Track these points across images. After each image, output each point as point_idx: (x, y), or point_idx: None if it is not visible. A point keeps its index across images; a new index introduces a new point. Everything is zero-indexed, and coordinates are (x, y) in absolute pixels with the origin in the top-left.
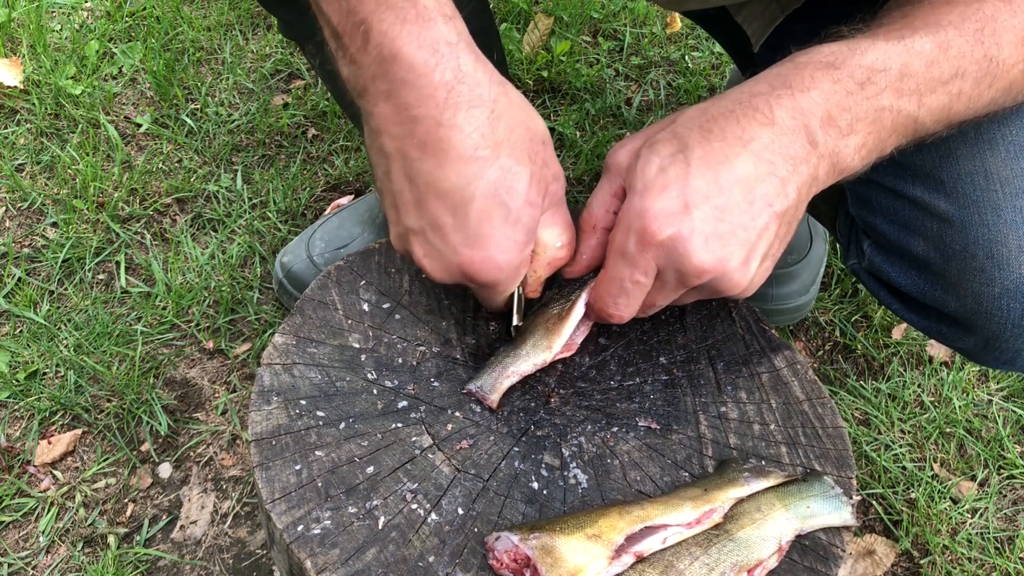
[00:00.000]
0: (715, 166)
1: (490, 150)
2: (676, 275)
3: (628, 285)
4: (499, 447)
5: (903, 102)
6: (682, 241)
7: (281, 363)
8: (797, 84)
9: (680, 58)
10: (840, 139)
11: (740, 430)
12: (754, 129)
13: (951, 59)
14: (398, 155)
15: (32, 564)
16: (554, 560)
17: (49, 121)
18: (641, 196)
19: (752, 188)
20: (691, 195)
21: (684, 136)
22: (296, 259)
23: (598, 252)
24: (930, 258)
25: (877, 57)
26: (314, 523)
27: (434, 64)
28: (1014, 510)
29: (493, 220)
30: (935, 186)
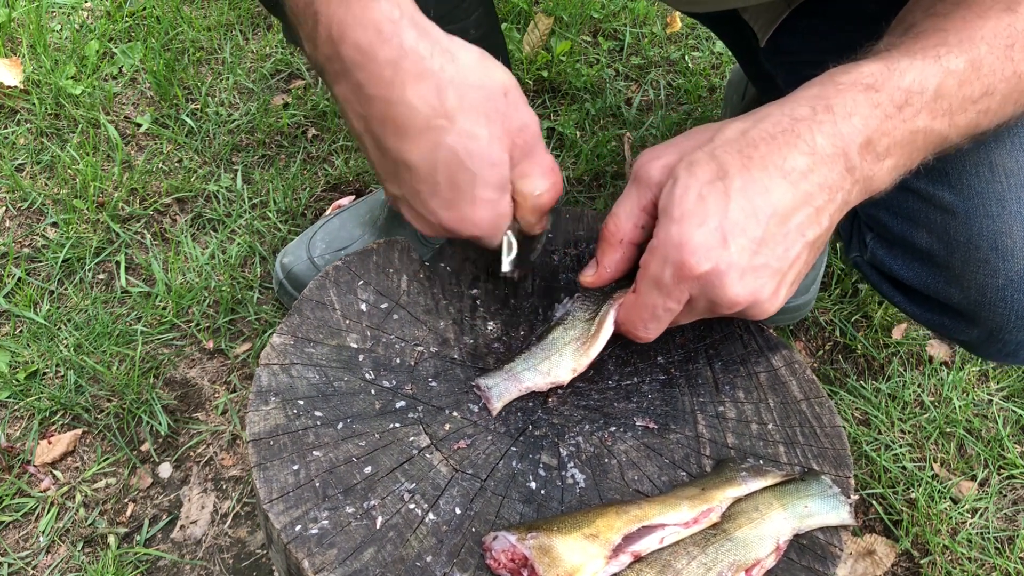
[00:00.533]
0: (753, 197)
1: (444, 119)
2: (708, 304)
3: (660, 312)
4: (497, 447)
5: (936, 123)
6: (719, 275)
7: (279, 363)
8: (839, 108)
9: (680, 58)
10: (875, 163)
11: (738, 429)
12: (795, 158)
13: (982, 77)
14: (366, 134)
15: (32, 564)
16: (551, 560)
17: (49, 121)
18: (679, 225)
19: (788, 219)
20: (729, 228)
21: (724, 161)
22: (297, 260)
23: (623, 266)
24: (934, 250)
25: (915, 78)
26: (312, 523)
27: (379, 43)
28: (1014, 510)
29: (460, 184)
30: (939, 178)
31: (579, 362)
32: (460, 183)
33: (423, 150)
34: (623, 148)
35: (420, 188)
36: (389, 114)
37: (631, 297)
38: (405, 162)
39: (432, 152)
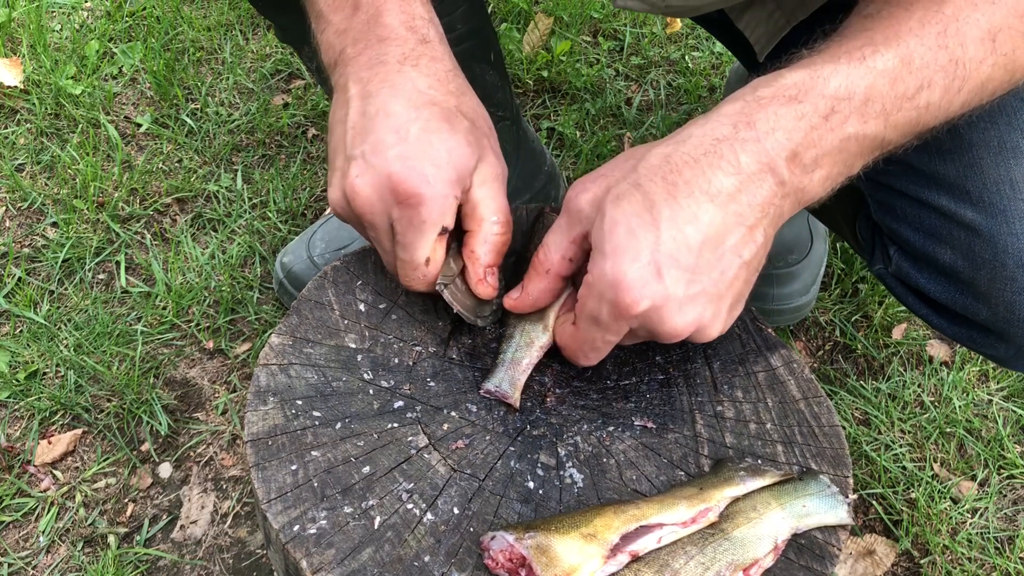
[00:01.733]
0: (683, 226)
1: (441, 94)
2: (649, 334)
3: (600, 344)
4: (495, 447)
5: (868, 126)
6: (657, 310)
7: (277, 363)
8: (761, 125)
9: (680, 58)
10: (805, 175)
11: (736, 429)
12: (720, 180)
13: (915, 72)
14: (359, 96)
15: (32, 564)
16: (549, 559)
17: (49, 121)
18: (612, 262)
19: (721, 243)
20: (662, 260)
21: (648, 190)
22: (297, 259)
23: (546, 296)
24: (958, 267)
25: (840, 84)
26: (310, 523)
27: (407, 28)
28: (1014, 510)
29: (431, 140)
30: (961, 196)
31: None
32: (431, 139)
33: (411, 104)
34: (623, 148)
35: (386, 138)
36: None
37: (571, 328)
38: (388, 110)
39: (420, 107)
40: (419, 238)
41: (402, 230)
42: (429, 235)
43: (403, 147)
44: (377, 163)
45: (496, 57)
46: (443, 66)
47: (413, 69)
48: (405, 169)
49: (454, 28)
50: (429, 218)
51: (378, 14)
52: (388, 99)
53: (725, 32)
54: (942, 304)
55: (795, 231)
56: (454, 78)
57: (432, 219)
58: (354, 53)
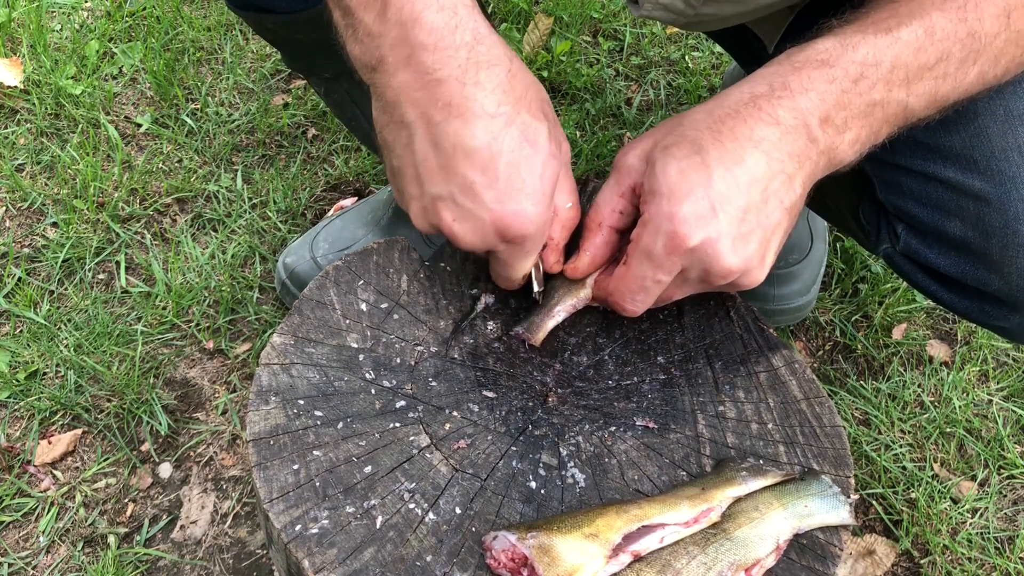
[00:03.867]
0: (732, 167)
1: (511, 106)
2: (701, 275)
3: (649, 284)
4: (497, 446)
5: (894, 93)
6: (712, 244)
7: (279, 363)
8: (796, 85)
9: (680, 58)
10: (836, 136)
11: (738, 429)
12: (762, 128)
13: (936, 43)
14: (421, 121)
15: (32, 564)
16: (551, 559)
17: (49, 121)
18: (668, 199)
19: (766, 186)
20: (716, 197)
21: (696, 138)
22: (299, 260)
23: (603, 250)
24: (968, 238)
25: (868, 52)
26: (312, 523)
27: (454, 26)
28: (1014, 510)
29: (522, 174)
30: (968, 166)
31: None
32: (522, 172)
33: (489, 133)
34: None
35: (475, 179)
36: (459, 95)
37: (621, 269)
38: (466, 147)
39: (497, 137)
40: (523, 262)
41: (506, 258)
42: (532, 258)
43: (496, 190)
44: (474, 208)
45: None
46: (502, 69)
47: (475, 88)
48: (508, 214)
49: None
50: (534, 248)
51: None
52: (462, 132)
53: (722, 33)
54: (952, 278)
55: (795, 231)
56: (514, 77)
57: (537, 248)
58: (396, 62)
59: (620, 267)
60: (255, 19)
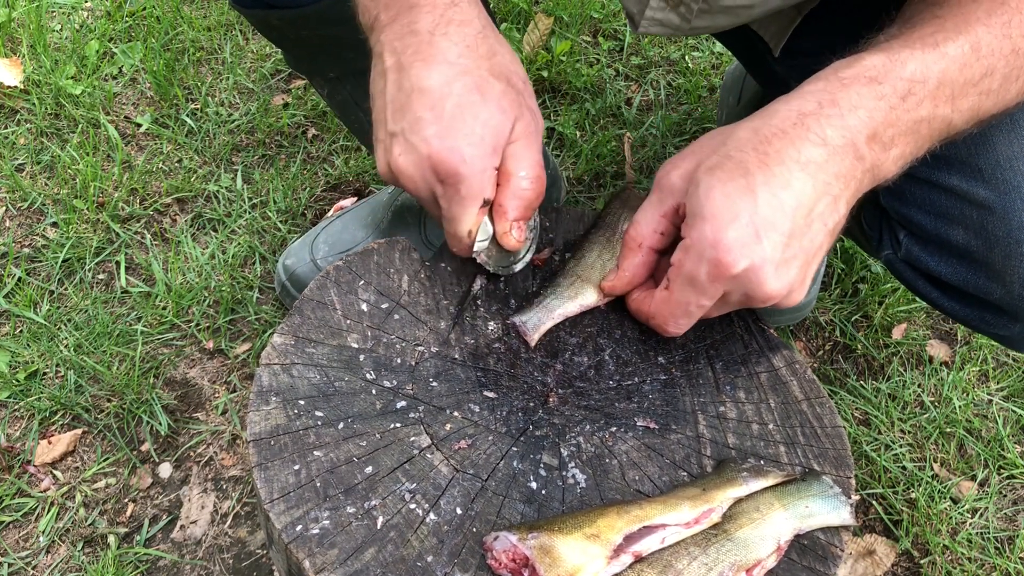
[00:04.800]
0: (778, 191)
1: (471, 60)
2: (743, 299)
3: (693, 308)
4: (497, 447)
5: (939, 109)
6: (756, 272)
7: (280, 363)
8: (844, 102)
9: (680, 58)
10: (883, 152)
11: (739, 430)
12: (809, 150)
13: (982, 59)
14: (395, 67)
15: (32, 564)
16: (552, 560)
17: (49, 121)
18: (712, 225)
19: (812, 210)
20: (760, 223)
21: (742, 160)
22: (299, 262)
23: (641, 271)
24: (971, 246)
25: (916, 68)
26: (313, 523)
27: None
28: (1014, 510)
29: (465, 116)
30: (973, 174)
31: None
32: (465, 115)
33: (444, 77)
34: (623, 148)
35: (423, 115)
36: (426, 43)
37: (663, 293)
38: (421, 87)
39: (451, 81)
40: (462, 213)
41: (446, 205)
42: (471, 209)
43: (439, 126)
44: (417, 142)
45: None
46: (472, 29)
47: (443, 39)
48: (444, 149)
49: None
50: (469, 194)
51: None
52: (421, 73)
53: (726, 36)
54: (953, 286)
55: None
56: (484, 40)
57: (472, 195)
58: (387, 20)
59: (662, 291)
60: (260, 16)
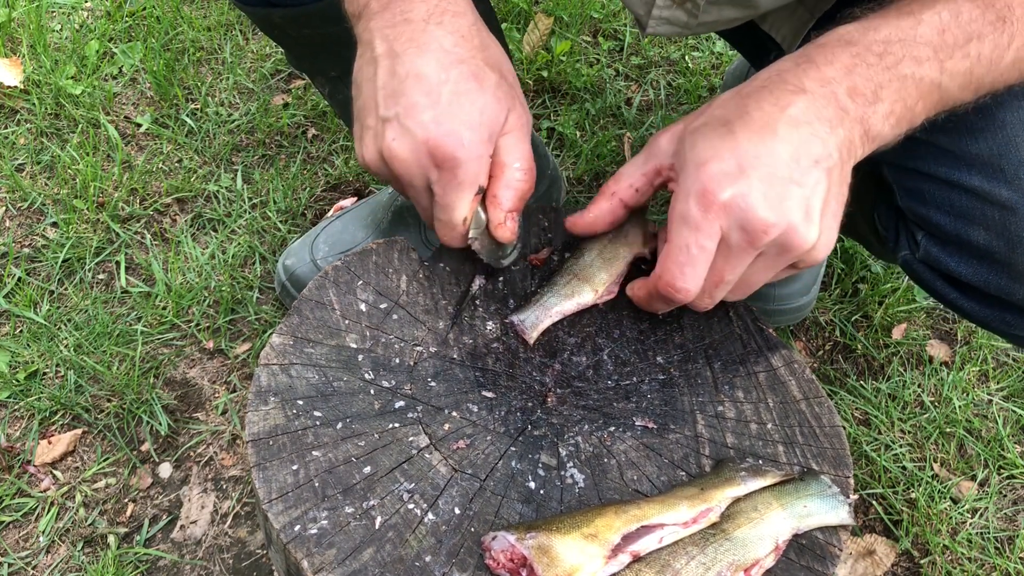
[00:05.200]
0: (758, 130)
1: (466, 49)
2: (741, 235)
3: (694, 251)
4: (496, 447)
5: (924, 69)
6: (743, 197)
7: (278, 363)
8: (819, 59)
9: (680, 58)
10: (867, 106)
11: (737, 429)
12: (788, 97)
13: (963, 25)
14: (387, 54)
15: (32, 564)
16: (550, 560)
17: (49, 121)
18: (696, 165)
19: (797, 148)
20: (743, 157)
21: (723, 115)
22: (299, 262)
23: (605, 219)
24: (993, 247)
25: (890, 32)
26: (311, 523)
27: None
28: (1014, 510)
29: (462, 102)
30: (995, 174)
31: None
32: (461, 101)
33: (440, 64)
34: (623, 148)
35: (419, 101)
36: (421, 31)
37: (664, 248)
38: (418, 72)
39: (448, 68)
40: (457, 199)
41: (441, 192)
42: (467, 195)
43: (437, 111)
44: (413, 127)
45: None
46: (466, 21)
47: (438, 27)
48: (441, 134)
49: None
50: (466, 180)
51: None
52: (417, 60)
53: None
54: (973, 287)
55: None
56: (477, 32)
57: (469, 180)
58: (378, 8)
59: (663, 247)
60: (262, 14)
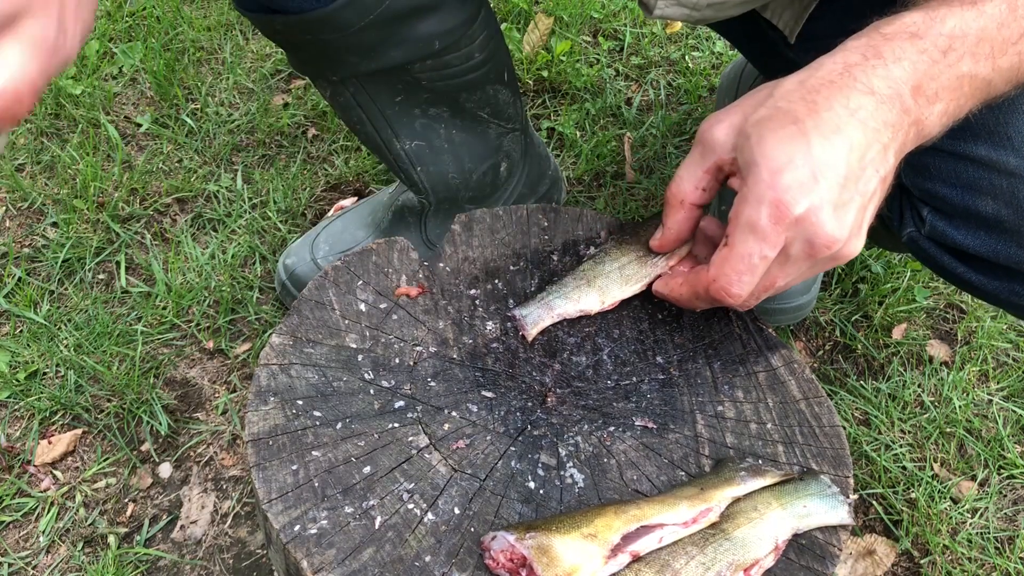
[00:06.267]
0: (830, 135)
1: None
2: (804, 247)
3: (756, 260)
4: (496, 447)
5: (979, 66)
6: (815, 213)
7: (278, 363)
8: (888, 55)
9: (680, 58)
10: (927, 106)
11: (737, 429)
12: (858, 98)
13: (1019, 19)
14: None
15: (32, 564)
16: (550, 560)
17: (49, 121)
18: (768, 169)
19: (863, 154)
20: (816, 165)
21: (791, 109)
22: (300, 261)
23: (686, 227)
24: (1002, 216)
25: (956, 24)
26: (311, 523)
27: None
28: (1014, 510)
29: None
30: (1001, 143)
31: (607, 295)
32: None
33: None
34: (623, 148)
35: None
36: None
37: (723, 251)
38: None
39: None
40: None
41: None
42: None
43: None
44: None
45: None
46: None
47: None
48: None
49: (472, 57)
50: None
51: None
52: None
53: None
54: (982, 259)
55: None
56: None
57: None
58: None
59: (722, 250)
60: (264, 21)
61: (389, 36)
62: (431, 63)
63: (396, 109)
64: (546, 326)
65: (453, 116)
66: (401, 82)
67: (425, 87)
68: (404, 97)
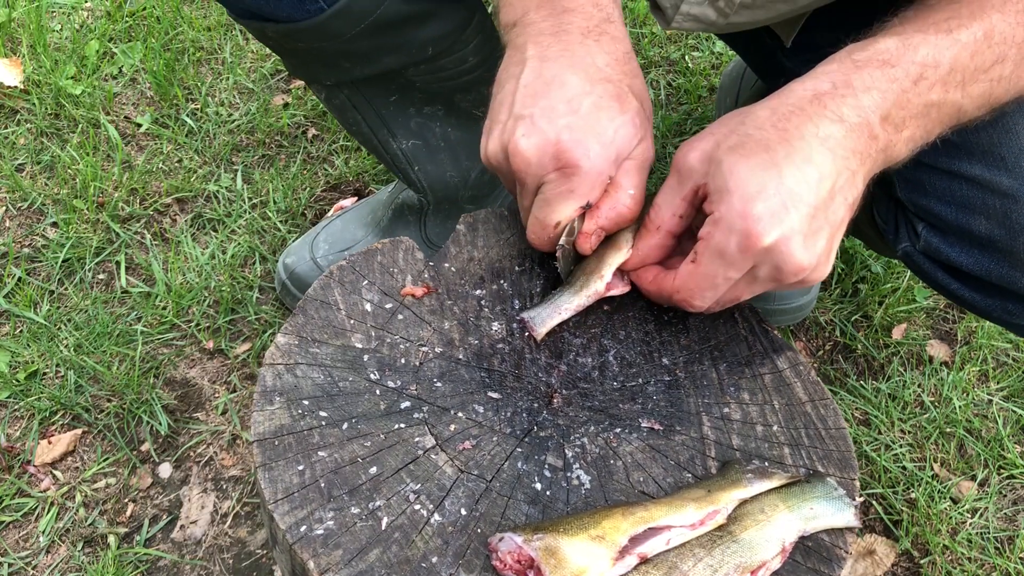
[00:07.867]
0: (801, 165)
1: (616, 72)
2: (772, 272)
3: (720, 281)
4: (502, 448)
5: (950, 95)
6: (785, 243)
7: (284, 363)
8: (858, 84)
9: (680, 58)
10: (895, 133)
11: (743, 431)
12: (827, 127)
13: (994, 47)
14: (537, 57)
15: (32, 564)
16: (558, 561)
17: (49, 121)
18: (740, 198)
19: (833, 183)
20: (787, 195)
21: (762, 138)
22: (300, 260)
23: (656, 252)
24: (995, 236)
25: (928, 53)
26: (317, 524)
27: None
28: (1014, 510)
29: (600, 117)
30: (995, 163)
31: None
32: (601, 117)
33: (587, 80)
34: None
35: (558, 107)
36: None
37: (689, 267)
38: (563, 81)
39: (594, 85)
40: (563, 204)
41: (550, 193)
42: (572, 204)
43: (573, 118)
44: (546, 128)
45: None
46: (622, 47)
47: (595, 44)
48: (572, 139)
49: (465, 60)
50: (579, 190)
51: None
52: (566, 68)
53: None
54: (975, 276)
55: None
56: (630, 60)
57: (582, 192)
58: (537, 17)
59: (688, 265)
60: (256, 27)
61: (382, 43)
62: (425, 67)
63: (391, 109)
64: (556, 324)
65: (448, 115)
66: (395, 84)
67: (419, 88)
68: (398, 97)
